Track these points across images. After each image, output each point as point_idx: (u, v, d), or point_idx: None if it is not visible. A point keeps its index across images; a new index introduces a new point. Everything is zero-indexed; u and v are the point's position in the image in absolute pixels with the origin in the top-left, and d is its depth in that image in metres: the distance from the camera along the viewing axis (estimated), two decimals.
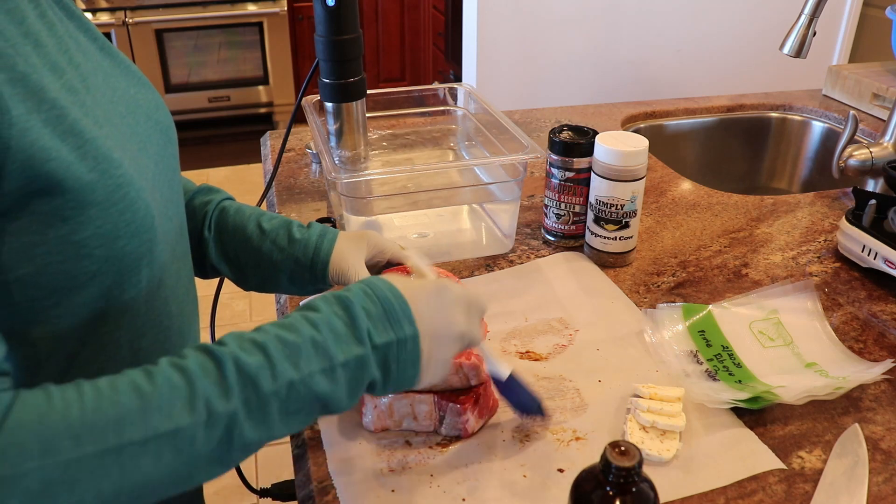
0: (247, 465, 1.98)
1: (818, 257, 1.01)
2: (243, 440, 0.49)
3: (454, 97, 1.18)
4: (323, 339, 0.53)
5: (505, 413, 0.73)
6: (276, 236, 0.74)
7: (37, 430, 0.44)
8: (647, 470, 0.53)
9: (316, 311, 0.55)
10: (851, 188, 1.05)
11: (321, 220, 1.03)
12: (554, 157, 0.97)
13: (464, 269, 0.97)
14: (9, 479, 0.42)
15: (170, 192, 0.63)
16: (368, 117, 1.01)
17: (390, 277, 0.59)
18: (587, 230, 0.98)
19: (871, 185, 1.26)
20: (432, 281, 0.62)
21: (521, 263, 0.98)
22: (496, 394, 0.72)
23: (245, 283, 0.78)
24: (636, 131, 1.45)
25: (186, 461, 0.48)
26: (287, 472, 1.91)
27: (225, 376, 0.49)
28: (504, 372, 0.69)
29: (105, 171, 0.52)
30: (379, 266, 0.76)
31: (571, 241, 1.02)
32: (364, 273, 0.72)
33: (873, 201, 0.96)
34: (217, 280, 1.04)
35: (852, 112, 1.15)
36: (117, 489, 0.45)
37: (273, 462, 2.00)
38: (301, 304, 0.60)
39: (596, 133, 0.96)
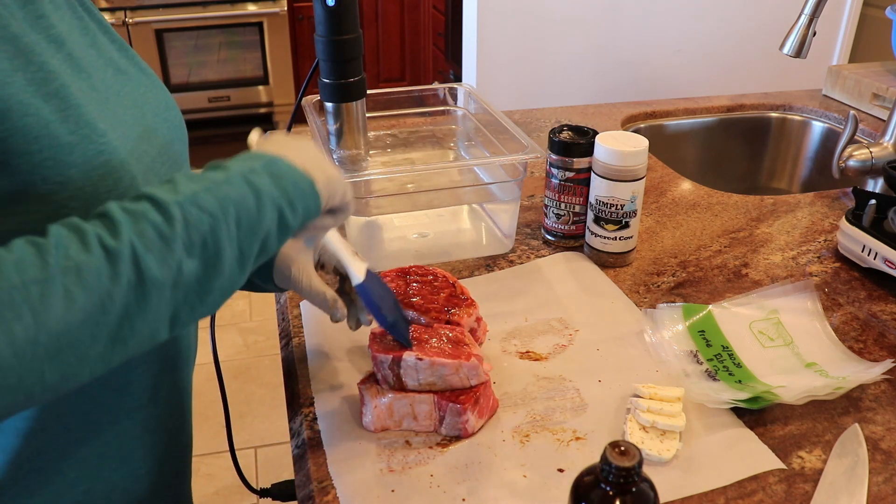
0: (247, 466, 1.98)
1: (818, 257, 1.01)
2: (154, 276, 0.47)
3: (454, 97, 1.18)
4: (197, 174, 0.53)
5: (505, 413, 0.73)
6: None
7: None
8: (647, 470, 0.53)
9: (177, 174, 0.55)
10: (851, 188, 1.05)
11: None
12: (554, 157, 0.97)
13: (464, 269, 0.97)
14: None
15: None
16: (368, 117, 1.01)
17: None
18: (587, 230, 0.98)
19: (871, 185, 1.26)
20: (263, 138, 0.64)
21: (521, 263, 0.98)
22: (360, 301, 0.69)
23: None
24: (636, 131, 1.45)
25: (100, 301, 0.45)
26: (287, 472, 1.91)
27: (112, 218, 0.48)
28: (358, 276, 0.65)
29: (86, 136, 0.53)
30: (331, 265, 0.75)
31: (571, 241, 1.02)
32: (314, 278, 0.69)
33: (873, 201, 0.96)
34: None
35: (852, 112, 1.15)
36: (32, 335, 0.43)
37: (273, 462, 2.00)
38: None
39: (596, 133, 0.96)
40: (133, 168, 0.57)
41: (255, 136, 0.68)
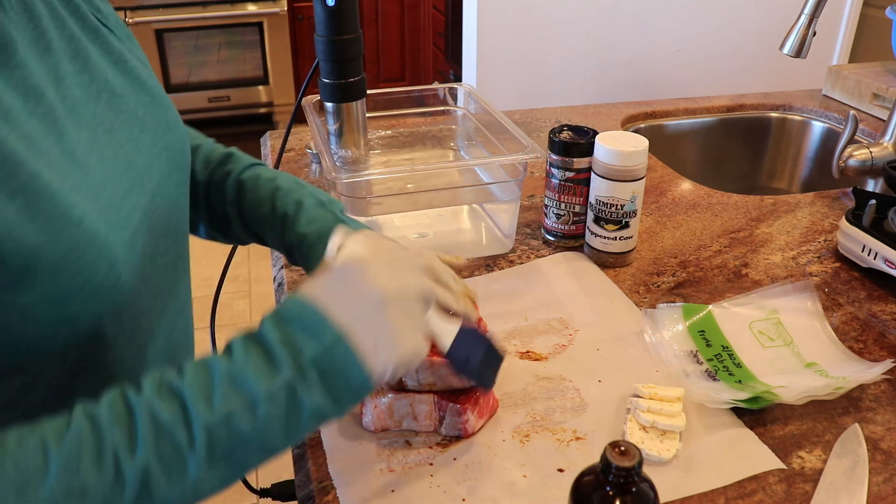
0: None
1: (818, 257, 1.01)
2: (163, 496, 0.45)
3: (454, 97, 1.18)
4: (241, 374, 0.48)
5: (505, 413, 0.73)
6: (284, 227, 0.72)
7: None
8: (647, 470, 0.53)
9: (233, 353, 0.50)
10: (851, 188, 1.05)
11: None
12: (554, 157, 0.97)
13: (464, 269, 0.97)
14: None
15: (166, 225, 0.60)
16: (368, 117, 1.01)
17: (305, 284, 0.54)
18: (587, 230, 0.98)
19: (871, 185, 1.26)
20: (337, 267, 0.55)
21: (521, 263, 0.98)
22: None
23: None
24: (636, 131, 1.45)
25: None
26: (287, 472, 1.91)
27: (135, 428, 0.45)
28: (446, 343, 0.62)
29: (58, 232, 0.47)
30: None
31: (571, 241, 1.02)
32: (440, 321, 0.63)
33: (873, 201, 0.96)
34: (217, 280, 1.04)
35: (852, 112, 1.15)
36: None
37: (273, 462, 2.00)
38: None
39: (596, 133, 0.96)
40: (112, 250, 0.51)
41: (335, 245, 0.62)
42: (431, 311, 0.60)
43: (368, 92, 1.00)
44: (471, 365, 0.64)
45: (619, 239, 0.95)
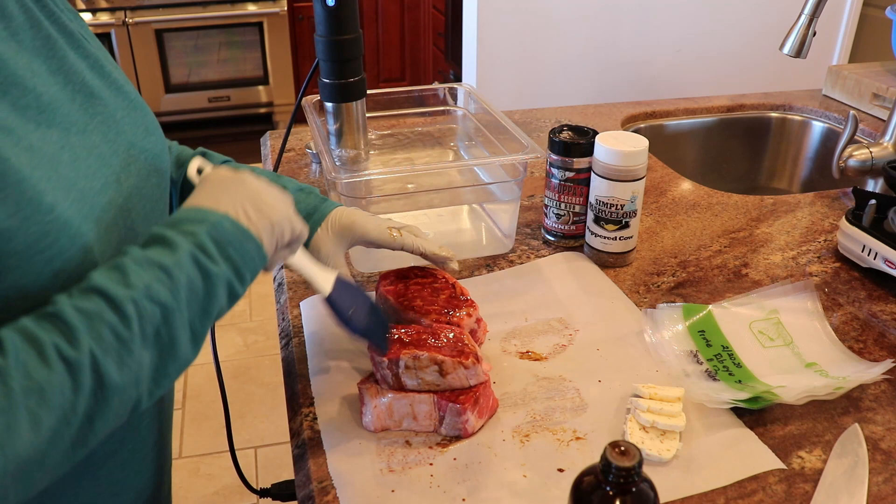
0: (247, 466, 1.98)
1: (818, 257, 1.01)
2: (113, 381, 0.47)
3: (454, 97, 1.18)
4: (146, 257, 0.51)
5: (505, 413, 0.73)
6: None
7: None
8: (647, 470, 0.53)
9: (129, 251, 0.52)
10: (851, 188, 1.05)
11: None
12: (554, 157, 0.97)
13: (464, 269, 0.97)
14: None
15: (145, 225, 0.61)
16: (368, 117, 1.01)
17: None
18: (587, 230, 0.98)
19: (871, 185, 1.26)
20: (200, 180, 0.61)
21: (521, 263, 0.98)
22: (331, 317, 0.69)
23: None
24: (636, 131, 1.45)
25: (64, 417, 0.45)
26: (287, 472, 1.91)
27: (67, 322, 0.46)
28: (324, 290, 0.66)
29: (28, 218, 0.47)
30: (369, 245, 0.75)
31: (571, 241, 1.02)
32: (341, 263, 0.70)
33: (873, 201, 0.96)
34: None
35: (852, 112, 1.15)
36: (1, 466, 0.42)
37: (273, 462, 2.00)
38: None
39: (596, 133, 0.96)
40: (86, 238, 0.52)
41: (194, 170, 0.67)
42: (303, 255, 0.66)
43: (368, 92, 1.00)
44: (356, 316, 0.67)
45: (619, 239, 0.95)
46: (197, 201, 0.57)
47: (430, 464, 0.67)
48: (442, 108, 1.19)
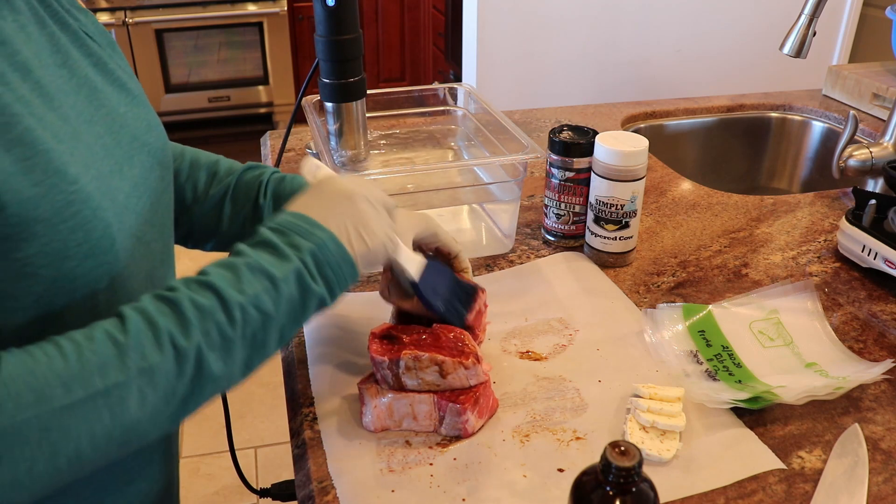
0: (247, 466, 1.98)
1: (818, 257, 1.01)
2: (211, 373, 0.52)
3: (454, 97, 1.18)
4: (258, 264, 0.56)
5: (505, 413, 0.73)
6: None
7: (28, 381, 0.45)
8: (647, 470, 0.53)
9: (244, 252, 0.58)
10: (851, 188, 1.05)
11: None
12: (554, 157, 0.97)
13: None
14: (9, 429, 0.43)
15: (151, 214, 0.62)
16: (368, 117, 1.01)
17: (287, 204, 0.64)
18: (587, 230, 0.98)
19: (871, 185, 1.26)
20: (314, 183, 0.68)
21: (521, 263, 0.98)
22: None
23: None
24: (636, 131, 1.45)
25: (165, 397, 0.50)
26: (287, 472, 1.91)
27: (183, 313, 0.51)
28: (413, 276, 0.69)
29: (54, 186, 0.50)
30: (429, 250, 0.78)
31: (571, 241, 1.02)
32: (408, 252, 0.71)
33: (873, 201, 0.96)
34: None
35: (852, 112, 1.15)
36: (108, 433, 0.48)
37: (273, 462, 2.00)
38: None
39: (596, 133, 0.96)
40: (106, 213, 0.54)
41: (309, 168, 0.74)
42: (400, 243, 0.69)
43: (368, 92, 1.00)
44: (440, 294, 0.71)
45: (619, 239, 0.95)
46: (308, 208, 0.62)
47: (430, 464, 0.67)
48: (442, 108, 1.19)
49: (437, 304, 0.71)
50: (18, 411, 0.44)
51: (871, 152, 1.17)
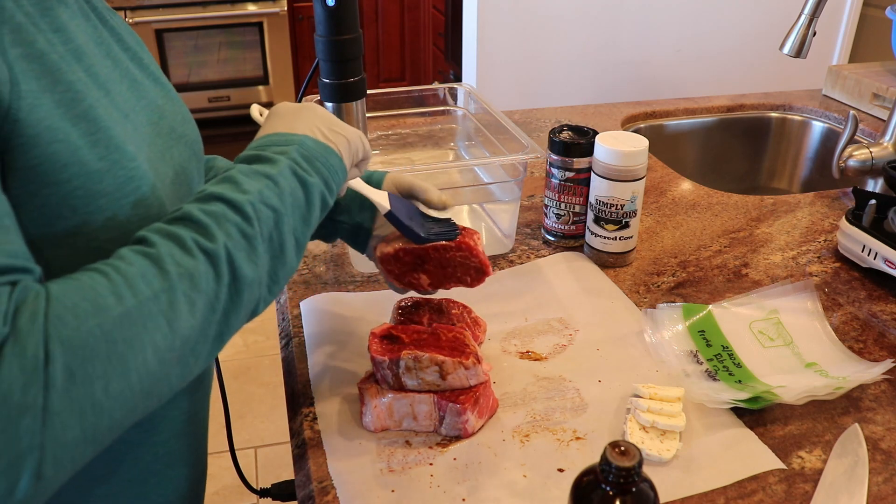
0: (247, 466, 1.98)
1: (818, 257, 1.01)
2: (245, 275, 0.51)
3: (454, 97, 1.18)
4: (251, 169, 0.56)
5: (505, 413, 0.73)
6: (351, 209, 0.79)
7: (82, 293, 0.44)
8: (647, 470, 0.53)
9: (232, 169, 0.57)
10: (851, 188, 1.05)
11: None
12: (554, 157, 0.97)
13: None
14: (76, 341, 0.42)
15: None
16: (368, 117, 1.01)
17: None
18: (587, 230, 0.98)
19: (871, 185, 1.26)
20: (269, 113, 0.66)
21: (521, 263, 0.98)
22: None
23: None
24: (636, 131, 1.45)
25: (210, 303, 0.49)
26: (287, 472, 1.91)
27: (198, 221, 0.51)
28: (384, 206, 0.71)
29: (116, 162, 0.51)
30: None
31: (571, 241, 1.02)
32: (372, 189, 0.73)
33: (873, 201, 0.96)
34: None
35: (852, 112, 1.15)
36: (168, 342, 0.46)
37: (273, 462, 2.00)
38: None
39: (596, 133, 0.96)
40: (160, 192, 0.55)
41: (257, 112, 0.73)
42: (359, 179, 0.71)
43: (368, 92, 1.00)
44: (415, 224, 0.73)
45: (619, 239, 0.95)
46: (273, 129, 0.62)
47: (430, 464, 0.67)
48: (442, 108, 1.19)
49: (415, 227, 0.72)
50: (80, 322, 0.43)
51: (871, 152, 1.17)
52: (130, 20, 3.35)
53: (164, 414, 0.64)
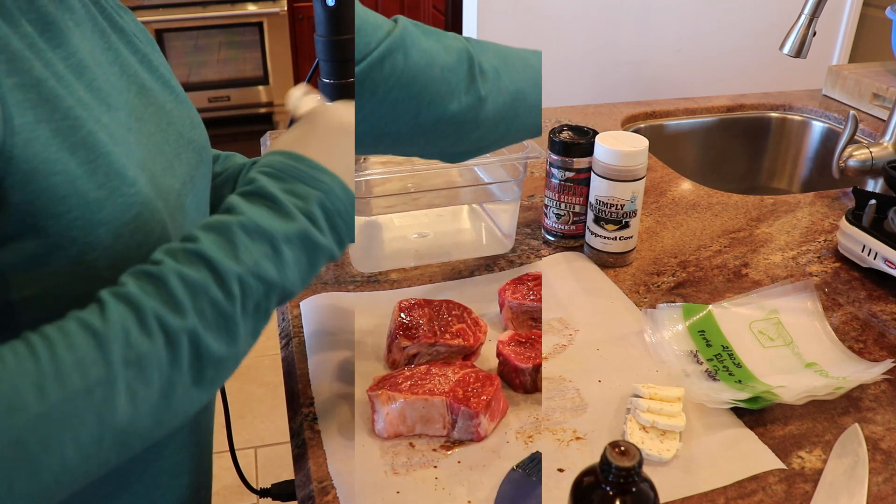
0: (247, 466, 1.98)
1: (818, 257, 1.01)
2: (212, 355, 0.47)
3: None
4: (255, 225, 0.50)
5: (508, 415, 0.73)
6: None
7: None
8: (647, 470, 0.53)
9: (238, 209, 0.51)
10: (851, 188, 1.05)
11: None
12: (554, 157, 0.97)
13: (464, 269, 0.97)
14: None
15: (196, 212, 0.62)
16: None
17: (274, 143, 0.57)
18: (587, 230, 0.98)
19: (871, 185, 1.26)
20: (302, 116, 0.60)
21: (521, 263, 0.98)
22: None
23: None
24: (636, 131, 1.45)
25: (161, 390, 0.45)
26: (287, 472, 1.91)
27: (171, 292, 0.46)
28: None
29: (115, 189, 0.49)
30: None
31: (571, 241, 1.02)
32: None
33: (873, 201, 0.96)
34: None
35: (852, 112, 1.15)
36: (97, 437, 0.42)
37: (273, 462, 2.00)
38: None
39: (596, 133, 0.96)
40: (162, 214, 0.53)
41: (294, 99, 0.66)
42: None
43: None
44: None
45: (619, 239, 0.95)
46: (306, 146, 0.55)
47: (435, 466, 0.67)
48: None
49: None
50: None
51: (871, 152, 1.17)
52: None
53: (174, 433, 0.64)
